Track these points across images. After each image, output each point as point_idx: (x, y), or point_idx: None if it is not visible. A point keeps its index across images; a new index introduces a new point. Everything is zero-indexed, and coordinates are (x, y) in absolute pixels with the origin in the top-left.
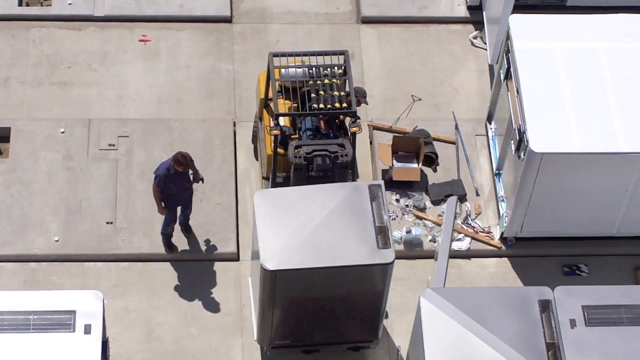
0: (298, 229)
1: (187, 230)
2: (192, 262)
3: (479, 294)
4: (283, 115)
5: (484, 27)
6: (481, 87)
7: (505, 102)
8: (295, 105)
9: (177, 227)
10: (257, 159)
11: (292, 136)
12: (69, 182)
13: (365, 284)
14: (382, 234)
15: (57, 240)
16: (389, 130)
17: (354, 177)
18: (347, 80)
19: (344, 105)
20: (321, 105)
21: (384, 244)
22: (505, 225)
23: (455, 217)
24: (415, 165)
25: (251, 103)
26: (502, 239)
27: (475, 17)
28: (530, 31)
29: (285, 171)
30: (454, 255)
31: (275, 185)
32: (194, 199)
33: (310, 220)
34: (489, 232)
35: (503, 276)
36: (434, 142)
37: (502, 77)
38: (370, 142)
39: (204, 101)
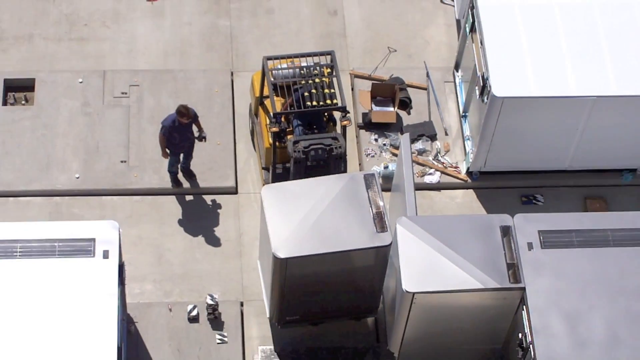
0: (304, 218)
1: (189, 176)
2: (196, 195)
3: (448, 221)
4: (281, 114)
5: None
6: (449, 39)
7: (471, 52)
8: (290, 101)
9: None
10: (255, 149)
11: (288, 130)
12: (87, 126)
13: (366, 264)
14: (379, 219)
15: (77, 177)
16: (368, 78)
17: (346, 166)
18: (336, 78)
19: (335, 101)
20: (314, 103)
21: (381, 228)
22: (470, 161)
23: (412, 154)
24: (391, 108)
25: (246, 55)
26: (468, 173)
27: None
28: None
29: (282, 162)
30: (426, 187)
31: (275, 175)
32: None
33: (314, 210)
34: (456, 167)
35: (469, 205)
36: (408, 88)
37: (467, 30)
38: (352, 89)
39: (205, 54)
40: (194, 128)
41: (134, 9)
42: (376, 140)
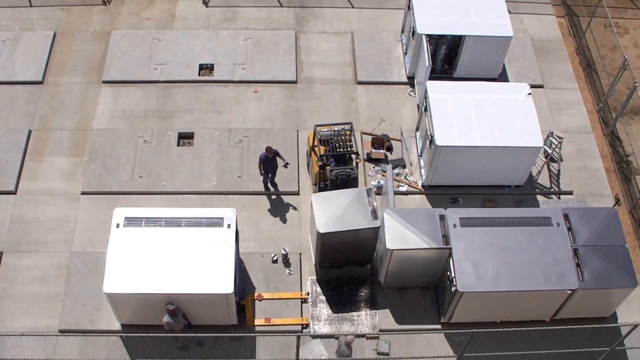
0: (334, 211)
1: (273, 185)
2: (276, 195)
3: (411, 212)
4: (323, 155)
5: (415, 86)
6: (413, 115)
7: (424, 122)
8: (328, 148)
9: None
10: (309, 174)
11: (327, 164)
12: (221, 158)
13: (367, 236)
14: (374, 213)
15: (214, 185)
16: (369, 134)
17: (358, 183)
18: (352, 137)
19: (352, 148)
20: (341, 149)
21: (375, 218)
22: (424, 179)
23: (392, 175)
24: (382, 151)
25: (305, 121)
26: (423, 186)
27: (410, 81)
28: (437, 89)
29: (324, 181)
30: (398, 193)
31: (320, 188)
32: (279, 169)
33: (339, 207)
34: (416, 183)
35: (423, 204)
36: (391, 140)
37: (423, 110)
38: (361, 140)
39: (283, 120)
40: (279, 160)
41: (246, 96)
42: (374, 167)
